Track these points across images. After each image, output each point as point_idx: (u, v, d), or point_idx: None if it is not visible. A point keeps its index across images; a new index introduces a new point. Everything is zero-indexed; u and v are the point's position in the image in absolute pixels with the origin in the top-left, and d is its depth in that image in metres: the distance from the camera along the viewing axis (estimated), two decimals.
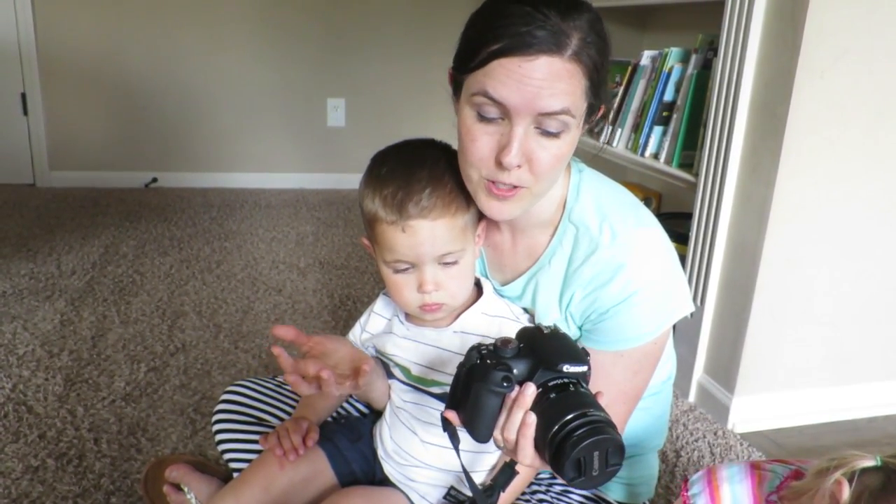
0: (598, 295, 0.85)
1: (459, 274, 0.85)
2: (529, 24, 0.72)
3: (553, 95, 0.73)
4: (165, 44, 3.35)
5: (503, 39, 0.73)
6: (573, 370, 0.68)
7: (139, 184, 3.49)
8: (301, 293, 2.27)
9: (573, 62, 0.74)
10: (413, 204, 0.80)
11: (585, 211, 0.87)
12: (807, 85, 1.41)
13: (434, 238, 0.82)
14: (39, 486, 1.29)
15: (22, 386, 1.62)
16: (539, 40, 0.72)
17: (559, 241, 0.89)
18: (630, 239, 0.85)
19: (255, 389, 1.13)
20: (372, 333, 0.97)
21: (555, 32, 0.72)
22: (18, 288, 2.18)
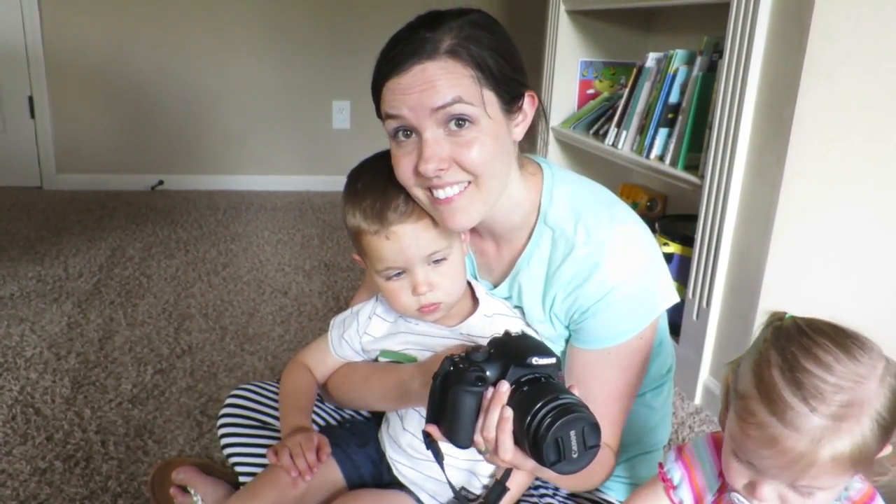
0: (577, 294, 0.87)
1: (450, 270, 0.87)
2: (398, 45, 0.79)
3: (437, 92, 0.77)
4: (171, 47, 3.37)
5: (383, 66, 0.80)
6: (542, 362, 0.71)
7: (145, 186, 3.50)
8: (307, 295, 2.27)
9: (448, 58, 0.77)
10: (392, 211, 0.83)
11: (559, 213, 0.89)
12: (812, 87, 1.40)
13: (418, 240, 0.84)
14: (47, 487, 1.29)
15: (30, 388, 1.63)
16: (407, 54, 0.78)
17: (536, 244, 0.90)
18: (604, 236, 0.87)
19: (259, 393, 1.13)
20: (374, 336, 0.96)
21: (422, 42, 0.78)
22: (26, 290, 2.19)
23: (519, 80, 0.83)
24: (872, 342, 0.69)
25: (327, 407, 1.13)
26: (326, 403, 1.12)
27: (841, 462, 0.65)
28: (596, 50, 2.53)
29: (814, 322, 0.71)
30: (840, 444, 0.64)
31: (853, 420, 0.64)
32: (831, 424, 0.64)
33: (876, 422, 0.65)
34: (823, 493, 0.68)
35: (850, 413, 0.64)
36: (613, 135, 2.10)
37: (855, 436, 0.64)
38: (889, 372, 0.67)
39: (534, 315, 0.92)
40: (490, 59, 0.79)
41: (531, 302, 0.92)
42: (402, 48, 0.78)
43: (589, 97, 2.55)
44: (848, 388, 0.65)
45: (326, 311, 2.16)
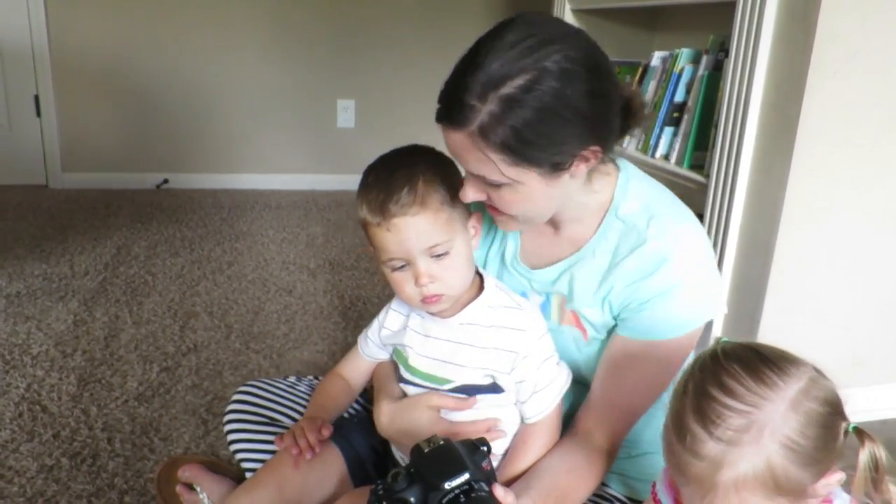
0: (640, 285, 0.88)
1: (453, 264, 0.88)
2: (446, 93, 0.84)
3: (466, 162, 0.84)
4: (177, 46, 3.37)
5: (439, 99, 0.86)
6: (455, 483, 0.73)
7: (151, 185, 3.51)
8: (311, 294, 2.28)
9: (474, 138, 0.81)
10: (393, 203, 0.85)
11: (632, 207, 0.91)
12: (819, 86, 1.40)
13: (418, 232, 0.85)
14: (54, 484, 1.30)
15: (36, 385, 1.63)
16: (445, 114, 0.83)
17: (604, 234, 0.92)
18: (676, 234, 0.89)
19: (266, 390, 1.14)
20: (391, 330, 0.99)
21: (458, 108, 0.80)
22: (32, 288, 2.20)
23: (562, 150, 0.81)
24: (802, 366, 0.67)
25: None
26: None
27: (748, 488, 0.63)
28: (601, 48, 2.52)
29: (734, 348, 0.69)
30: (740, 469, 0.63)
31: (752, 444, 0.63)
32: (726, 448, 0.63)
33: (785, 446, 0.63)
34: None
35: (746, 437, 0.63)
36: None
37: (756, 460, 0.62)
38: (810, 396, 0.64)
39: (585, 300, 0.93)
40: (520, 142, 0.78)
41: (584, 287, 0.93)
42: (446, 96, 0.81)
43: None
44: (745, 411, 0.63)
45: (331, 309, 2.16)
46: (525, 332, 0.90)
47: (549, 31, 0.79)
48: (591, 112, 0.80)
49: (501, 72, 0.77)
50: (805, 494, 0.65)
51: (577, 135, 0.81)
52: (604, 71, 0.82)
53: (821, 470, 0.65)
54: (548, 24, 0.80)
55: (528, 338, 0.90)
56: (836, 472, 0.66)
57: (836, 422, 0.66)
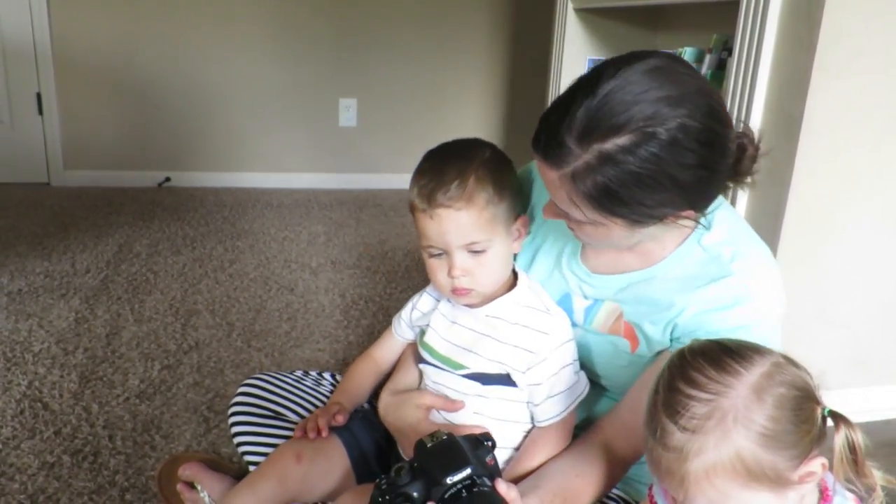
0: (713, 315, 0.85)
1: (488, 262, 0.89)
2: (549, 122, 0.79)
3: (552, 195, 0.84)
4: (179, 44, 3.37)
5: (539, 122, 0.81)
6: (457, 478, 0.74)
7: (152, 183, 3.51)
8: (313, 292, 2.28)
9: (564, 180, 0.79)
10: (441, 194, 0.86)
11: (716, 238, 0.88)
12: (823, 85, 1.40)
13: (459, 227, 0.87)
14: (55, 482, 1.30)
15: (37, 383, 1.63)
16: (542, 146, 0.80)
17: (680, 258, 0.90)
18: (760, 275, 0.87)
19: (272, 383, 1.13)
20: (422, 312, 1.02)
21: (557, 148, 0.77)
22: (34, 286, 2.20)
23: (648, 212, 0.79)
24: (766, 354, 0.67)
25: None
26: None
27: (720, 475, 0.63)
28: (604, 48, 2.52)
29: (700, 344, 0.70)
30: (708, 457, 0.63)
31: (716, 430, 0.63)
32: (692, 437, 0.64)
33: (752, 430, 0.63)
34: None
35: (710, 424, 0.64)
36: None
37: (722, 447, 0.63)
38: (775, 381, 0.65)
39: (650, 316, 0.90)
40: (607, 198, 0.76)
41: (653, 305, 0.90)
42: (548, 126, 0.78)
43: None
44: (707, 399, 0.64)
45: (332, 308, 2.16)
46: (548, 336, 0.91)
47: (676, 86, 0.74)
48: (691, 183, 0.77)
49: (610, 123, 0.73)
50: (785, 481, 0.65)
51: (670, 201, 0.78)
52: (717, 144, 0.77)
53: (796, 454, 0.65)
54: (677, 76, 0.75)
55: (550, 342, 0.91)
56: (817, 458, 0.66)
57: (807, 405, 0.66)
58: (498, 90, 3.73)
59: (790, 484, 0.65)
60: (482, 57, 3.64)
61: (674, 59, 0.78)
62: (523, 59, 3.65)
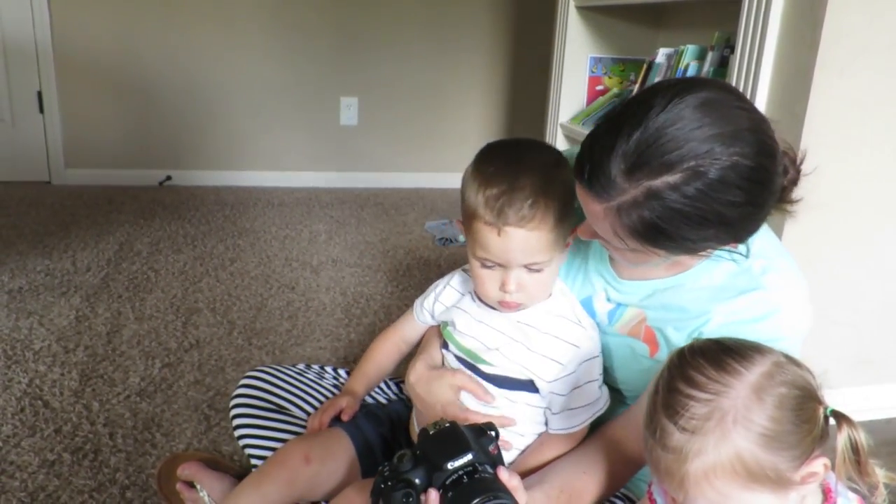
0: (741, 327, 0.84)
1: (543, 280, 0.88)
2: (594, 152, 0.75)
3: (593, 224, 0.80)
4: (180, 43, 3.37)
5: (581, 149, 0.78)
6: (458, 463, 0.74)
7: (153, 182, 3.51)
8: (314, 290, 2.27)
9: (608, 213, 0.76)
10: (514, 211, 0.82)
11: (748, 250, 0.87)
12: (826, 83, 1.39)
13: (527, 247, 0.84)
14: (55, 479, 1.30)
15: (38, 381, 1.63)
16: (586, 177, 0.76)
17: (708, 269, 0.88)
18: (791, 292, 0.86)
19: (275, 376, 1.13)
20: (446, 306, 1.01)
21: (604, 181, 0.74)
22: (34, 284, 2.19)
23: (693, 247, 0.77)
24: (767, 353, 0.67)
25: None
26: None
27: (720, 476, 0.63)
28: (605, 46, 2.52)
29: (700, 344, 0.69)
30: (707, 458, 0.63)
31: (716, 431, 0.63)
32: (691, 438, 0.63)
33: (753, 431, 0.62)
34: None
35: (709, 424, 0.63)
36: None
37: (722, 447, 0.63)
38: (775, 381, 0.64)
39: (674, 322, 0.90)
40: (653, 232, 0.74)
41: (679, 312, 0.89)
42: (593, 156, 0.74)
43: (598, 93, 2.54)
44: (707, 399, 0.64)
45: (333, 306, 2.16)
46: (578, 350, 0.90)
47: (728, 122, 0.72)
48: (737, 220, 0.75)
49: (661, 160, 0.71)
50: (786, 482, 0.64)
51: (714, 236, 0.77)
52: (767, 180, 0.75)
53: (797, 455, 0.64)
54: (730, 111, 0.73)
55: (580, 355, 0.90)
56: (819, 458, 0.65)
57: (808, 405, 0.65)
58: (499, 88, 3.73)
59: (791, 485, 0.65)
60: (484, 55, 3.64)
61: (726, 90, 0.75)
62: (525, 58, 3.64)
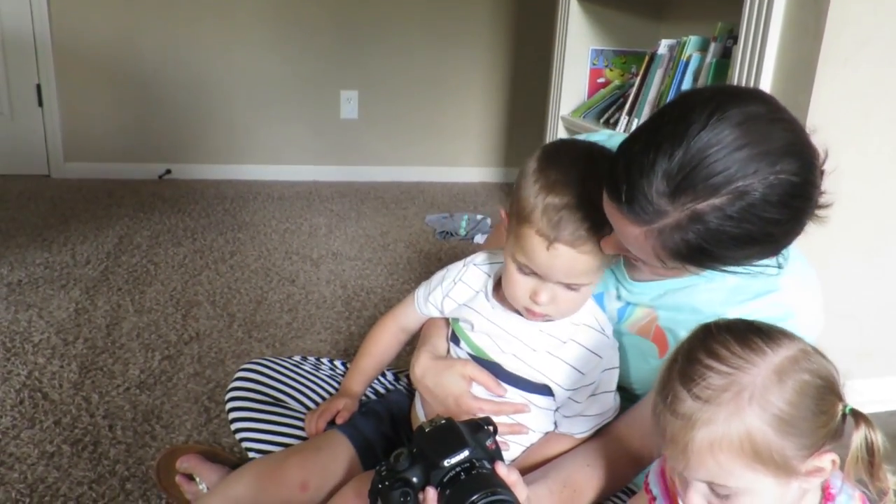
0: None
1: (577, 298, 0.85)
2: (631, 174, 0.70)
3: (628, 245, 0.76)
4: (179, 36, 3.36)
5: (612, 169, 0.73)
6: (455, 460, 0.73)
7: (153, 175, 3.50)
8: (314, 284, 2.27)
9: (648, 235, 0.72)
10: (571, 230, 0.79)
11: (783, 262, 0.85)
12: (830, 73, 1.38)
13: (573, 267, 0.81)
14: (55, 471, 1.29)
15: (37, 373, 1.63)
16: (625, 199, 0.71)
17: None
18: (807, 295, 0.86)
19: (271, 368, 1.12)
20: (458, 303, 0.97)
21: (645, 204, 0.70)
22: (34, 277, 2.19)
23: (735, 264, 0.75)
24: (796, 340, 0.66)
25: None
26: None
27: (725, 451, 0.62)
28: (606, 38, 2.50)
29: (727, 321, 0.68)
30: (716, 429, 0.62)
31: (730, 404, 0.62)
32: (703, 406, 0.62)
33: (770, 412, 0.61)
34: (744, 499, 0.64)
35: (725, 396, 0.62)
36: (624, 123, 2.08)
37: (733, 422, 0.62)
38: (799, 367, 0.64)
39: (687, 323, 0.87)
40: (697, 254, 0.71)
41: (691, 314, 0.88)
42: (630, 178, 0.70)
43: (599, 86, 2.53)
44: (727, 372, 0.63)
45: (334, 299, 2.15)
46: (601, 360, 0.88)
47: (773, 140, 0.68)
48: (783, 235, 0.74)
49: (706, 183, 0.67)
50: (791, 471, 0.63)
51: (758, 253, 0.75)
52: (811, 196, 0.73)
53: (808, 444, 0.63)
54: (774, 127, 0.69)
55: (602, 365, 0.88)
56: (828, 453, 0.64)
57: (828, 397, 0.65)
58: (500, 82, 3.71)
59: (796, 474, 0.64)
60: (484, 48, 3.62)
61: (766, 102, 0.71)
62: (526, 51, 3.63)
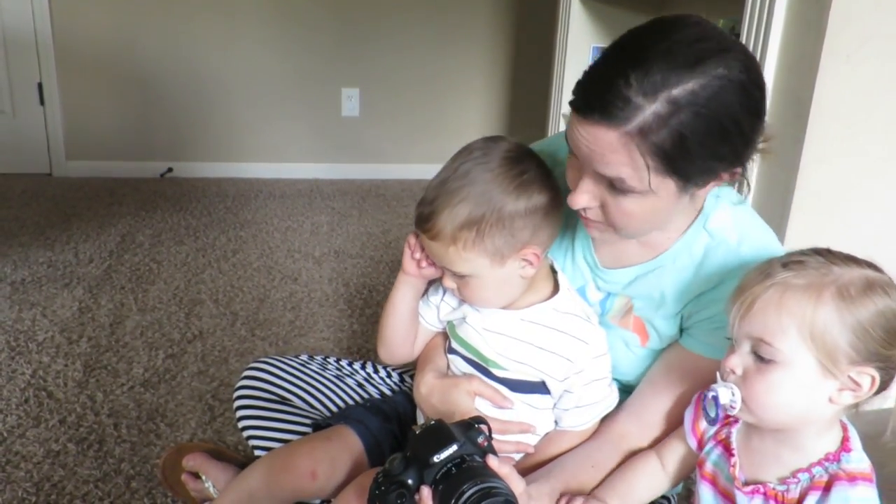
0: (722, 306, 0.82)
1: (478, 287, 0.86)
2: (605, 84, 0.72)
3: (606, 164, 0.74)
4: (181, 34, 3.35)
5: (578, 91, 0.75)
6: (444, 456, 0.73)
7: (155, 174, 3.50)
8: (317, 282, 2.27)
9: (633, 138, 0.71)
10: (424, 220, 0.85)
11: (723, 222, 0.86)
12: (832, 69, 1.38)
13: (433, 254, 0.87)
14: (61, 469, 1.30)
15: (42, 372, 1.63)
16: (598, 108, 0.72)
17: (688, 245, 0.87)
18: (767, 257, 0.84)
19: (277, 367, 1.12)
20: (452, 307, 0.97)
21: (623, 102, 0.70)
22: (37, 276, 2.19)
23: (712, 166, 0.76)
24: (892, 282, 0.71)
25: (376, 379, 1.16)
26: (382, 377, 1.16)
27: (789, 312, 0.67)
28: (608, 36, 2.50)
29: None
30: (791, 290, 0.68)
31: (814, 279, 0.68)
32: (787, 271, 0.69)
33: (845, 302, 0.67)
34: (779, 372, 0.69)
35: (814, 274, 0.68)
36: None
37: (810, 293, 0.67)
38: (890, 293, 0.69)
39: (660, 309, 0.89)
40: (680, 149, 0.72)
41: (663, 298, 0.88)
42: (603, 92, 0.71)
43: None
44: (823, 263, 0.69)
45: (336, 297, 2.16)
46: (587, 346, 0.88)
47: (721, 37, 0.73)
48: (749, 131, 0.75)
49: (674, 72, 0.70)
50: (835, 365, 0.67)
51: (732, 153, 0.76)
52: (764, 97, 0.76)
53: (859, 350, 0.67)
54: (717, 30, 0.75)
55: (589, 352, 0.88)
56: (871, 371, 0.68)
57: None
58: (502, 79, 3.71)
59: (835, 373, 0.68)
60: (486, 45, 3.62)
61: (704, 19, 0.76)
62: (527, 48, 3.62)
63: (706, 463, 0.81)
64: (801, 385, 0.69)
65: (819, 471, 0.71)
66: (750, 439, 0.77)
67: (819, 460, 0.71)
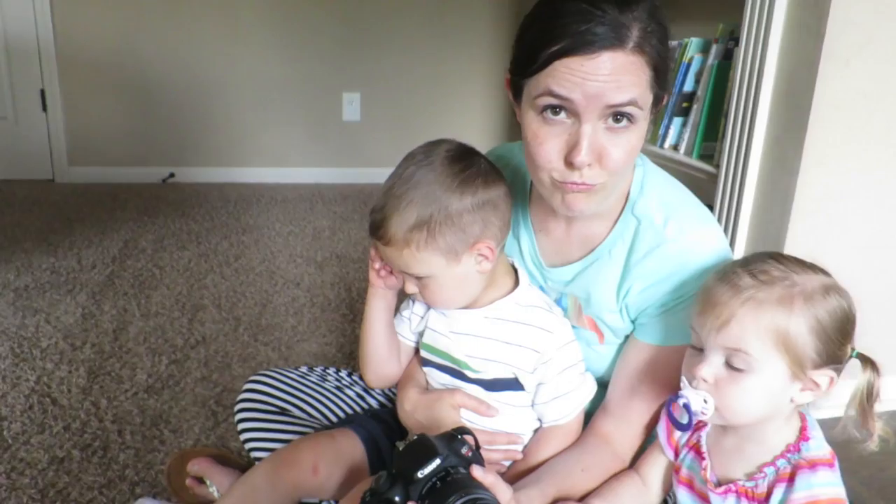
0: (658, 289, 0.86)
1: (438, 287, 0.87)
2: (588, 21, 0.74)
3: (619, 89, 0.75)
4: (182, 39, 3.37)
5: (563, 39, 0.74)
6: (428, 471, 0.74)
7: (157, 179, 3.51)
8: (319, 286, 2.28)
9: (635, 54, 0.75)
10: (375, 228, 0.86)
11: (649, 204, 0.88)
12: (831, 74, 1.39)
13: (390, 260, 0.88)
14: (65, 476, 1.30)
15: (46, 378, 1.64)
16: (600, 37, 0.73)
17: (620, 234, 0.89)
18: (697, 237, 0.86)
19: (278, 380, 1.13)
20: (420, 315, 0.99)
21: (615, 26, 0.74)
22: (40, 282, 2.20)
23: (670, 81, 0.82)
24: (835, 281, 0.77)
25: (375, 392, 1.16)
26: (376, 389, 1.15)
27: (766, 325, 0.71)
28: None
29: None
30: (765, 304, 0.71)
31: (783, 291, 0.72)
32: (759, 284, 0.72)
33: (811, 311, 0.71)
34: (752, 378, 0.72)
35: (780, 285, 0.72)
36: None
37: (783, 305, 0.71)
38: (840, 294, 0.75)
39: (603, 304, 0.90)
40: (664, 59, 0.78)
41: (603, 290, 0.90)
42: (594, 27, 0.73)
43: None
44: (785, 270, 0.73)
45: (339, 302, 2.16)
46: (552, 335, 0.89)
47: None
48: (670, 58, 0.82)
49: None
50: (803, 369, 0.72)
51: (670, 67, 0.82)
52: None
53: (821, 354, 0.73)
54: None
55: (555, 341, 0.89)
56: (830, 373, 0.74)
57: (848, 329, 0.75)
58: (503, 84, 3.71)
59: (802, 376, 0.73)
60: (486, 50, 3.63)
61: None
62: None
63: (682, 468, 0.84)
64: (770, 389, 0.73)
65: (783, 463, 0.75)
66: (719, 440, 0.81)
67: (782, 452, 0.75)
